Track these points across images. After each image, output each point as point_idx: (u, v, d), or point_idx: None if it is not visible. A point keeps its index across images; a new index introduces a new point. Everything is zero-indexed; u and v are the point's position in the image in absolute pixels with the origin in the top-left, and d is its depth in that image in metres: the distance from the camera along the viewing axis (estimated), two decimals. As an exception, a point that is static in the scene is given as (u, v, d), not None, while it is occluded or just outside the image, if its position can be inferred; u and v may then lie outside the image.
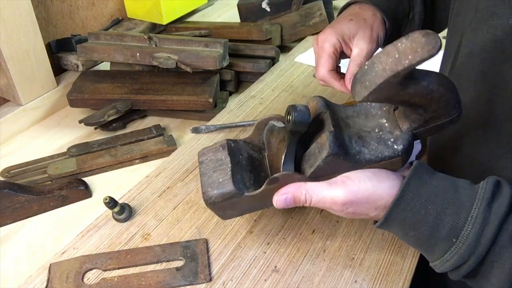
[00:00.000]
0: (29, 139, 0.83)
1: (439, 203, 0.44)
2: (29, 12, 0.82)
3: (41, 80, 0.87)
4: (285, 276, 0.56)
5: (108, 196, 0.60)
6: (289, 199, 0.50)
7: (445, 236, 0.43)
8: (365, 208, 0.47)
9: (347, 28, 0.59)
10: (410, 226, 0.45)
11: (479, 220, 0.42)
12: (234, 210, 0.53)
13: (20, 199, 0.64)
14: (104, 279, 0.55)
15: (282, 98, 0.90)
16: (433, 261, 0.46)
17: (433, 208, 0.44)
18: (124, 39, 0.89)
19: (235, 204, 0.51)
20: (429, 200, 0.44)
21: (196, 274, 0.56)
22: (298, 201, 0.50)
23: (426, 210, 0.44)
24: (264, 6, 1.10)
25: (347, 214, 0.49)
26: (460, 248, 0.42)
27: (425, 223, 0.44)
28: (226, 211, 0.53)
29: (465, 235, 0.42)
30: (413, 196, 0.45)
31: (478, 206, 0.42)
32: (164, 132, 0.81)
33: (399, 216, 0.45)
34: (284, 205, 0.50)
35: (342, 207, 0.48)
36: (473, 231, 0.42)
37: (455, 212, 0.43)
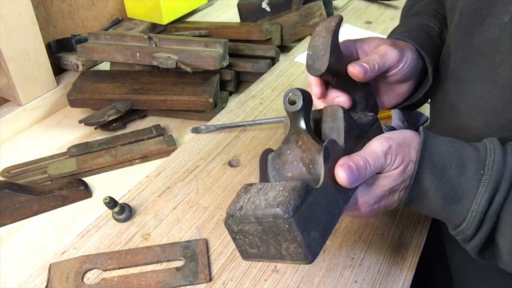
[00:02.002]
0: (29, 139, 0.83)
1: (457, 146, 0.46)
2: (29, 12, 0.82)
3: (41, 80, 0.87)
4: (285, 276, 0.56)
5: (108, 196, 0.60)
6: (351, 165, 0.43)
7: (473, 171, 0.44)
8: (406, 151, 0.46)
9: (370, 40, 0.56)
10: (440, 172, 0.45)
11: (498, 150, 0.44)
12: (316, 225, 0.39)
13: (20, 199, 0.64)
14: (104, 279, 0.55)
15: (282, 98, 0.89)
16: (469, 208, 0.45)
17: (454, 149, 0.46)
18: (124, 39, 0.89)
19: (313, 209, 0.39)
20: (448, 145, 0.46)
21: (196, 274, 0.56)
22: (359, 166, 0.43)
23: (449, 152, 0.46)
24: (264, 6, 1.10)
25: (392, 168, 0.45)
26: (491, 175, 0.43)
27: (452, 164, 0.45)
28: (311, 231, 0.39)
29: (490, 163, 0.44)
30: (433, 142, 0.46)
31: (492, 142, 0.45)
32: (164, 132, 0.81)
33: (428, 164, 0.45)
34: (350, 173, 0.42)
35: (387, 155, 0.45)
36: (496, 157, 0.44)
37: (474, 150, 0.45)
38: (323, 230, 0.40)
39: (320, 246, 0.39)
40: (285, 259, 0.39)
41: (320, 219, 0.39)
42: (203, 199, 0.67)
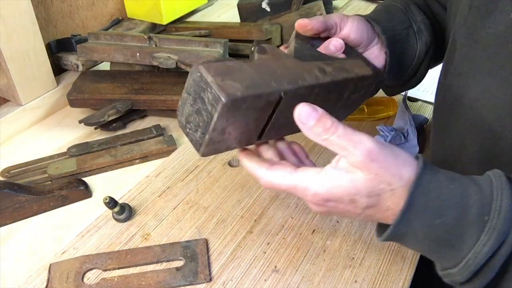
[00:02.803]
0: (29, 139, 0.83)
1: (459, 183, 0.40)
2: (29, 12, 0.82)
3: (41, 80, 0.87)
4: (285, 276, 0.56)
5: (108, 196, 0.60)
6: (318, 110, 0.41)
7: (475, 216, 0.38)
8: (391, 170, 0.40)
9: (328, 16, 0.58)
10: (435, 212, 0.39)
11: (506, 192, 0.38)
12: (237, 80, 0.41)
13: (20, 199, 0.64)
14: (104, 279, 0.55)
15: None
16: (464, 256, 0.39)
17: (455, 188, 0.39)
18: (124, 39, 0.89)
19: (234, 70, 0.42)
20: (449, 181, 0.40)
21: (196, 274, 0.56)
22: (325, 120, 0.40)
23: (449, 190, 0.39)
24: (264, 6, 1.10)
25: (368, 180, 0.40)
26: (496, 224, 0.37)
27: (451, 204, 0.39)
28: (226, 79, 0.41)
29: (497, 208, 0.38)
30: (431, 177, 0.40)
31: (499, 181, 0.39)
32: (164, 132, 0.81)
33: (422, 199, 0.39)
34: (308, 111, 0.41)
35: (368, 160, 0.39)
36: (504, 202, 0.38)
37: (478, 190, 0.39)
38: (247, 85, 0.40)
39: (240, 92, 0.39)
40: (213, 116, 0.40)
41: (244, 78, 0.41)
42: (203, 199, 0.67)
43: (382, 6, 0.66)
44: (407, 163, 0.41)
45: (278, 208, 0.65)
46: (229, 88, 0.39)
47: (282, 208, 0.65)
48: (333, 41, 0.54)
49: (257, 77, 0.42)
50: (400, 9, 0.63)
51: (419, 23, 0.62)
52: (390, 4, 0.65)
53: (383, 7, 0.66)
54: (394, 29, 0.61)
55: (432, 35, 0.63)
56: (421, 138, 0.77)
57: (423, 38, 0.62)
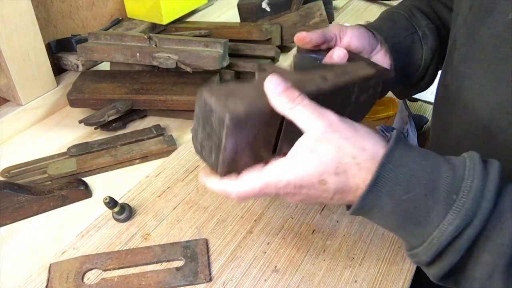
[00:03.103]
0: (29, 139, 0.83)
1: (431, 161, 0.40)
2: (29, 12, 0.82)
3: (41, 80, 0.87)
4: (285, 276, 0.56)
5: (108, 196, 0.60)
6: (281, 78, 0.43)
7: (444, 194, 0.38)
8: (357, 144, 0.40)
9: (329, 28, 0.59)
10: (404, 187, 0.39)
11: (478, 173, 0.38)
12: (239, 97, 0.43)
13: (20, 199, 0.64)
14: (104, 279, 0.55)
15: (282, 98, 0.89)
16: (429, 234, 0.39)
17: (426, 165, 0.39)
18: (124, 39, 0.89)
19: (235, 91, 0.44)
20: (421, 158, 0.40)
21: (196, 274, 0.56)
22: (288, 88, 0.42)
23: (421, 166, 0.39)
24: (264, 6, 1.10)
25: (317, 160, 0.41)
26: (464, 203, 0.37)
27: (420, 180, 0.39)
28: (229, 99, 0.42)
29: (466, 188, 0.37)
30: (404, 152, 0.40)
31: (473, 162, 0.39)
32: (164, 132, 0.81)
33: (391, 175, 0.39)
34: (275, 79, 0.43)
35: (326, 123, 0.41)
36: (475, 182, 0.37)
37: (451, 169, 0.39)
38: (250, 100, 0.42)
39: (243, 107, 0.41)
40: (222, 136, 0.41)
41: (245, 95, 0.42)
42: (203, 199, 0.67)
43: (385, 15, 0.66)
44: (369, 136, 0.41)
45: (278, 208, 0.65)
46: (232, 106, 0.41)
47: (282, 208, 0.65)
48: (336, 51, 0.54)
49: (259, 93, 0.43)
50: (403, 16, 0.63)
51: (423, 28, 0.62)
52: (392, 11, 0.65)
53: (386, 15, 0.66)
54: (397, 36, 0.61)
55: (437, 39, 0.63)
56: (421, 138, 0.77)
57: (429, 43, 0.62)
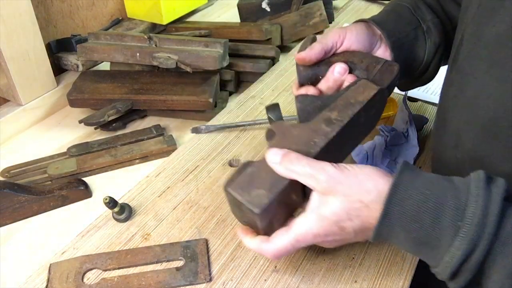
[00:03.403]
0: (29, 139, 0.83)
1: (436, 189, 0.42)
2: (29, 12, 0.82)
3: (41, 80, 0.87)
4: (285, 276, 0.56)
5: (108, 196, 0.60)
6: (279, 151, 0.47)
7: (449, 221, 0.41)
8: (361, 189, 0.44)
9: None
10: (412, 218, 0.42)
11: (481, 198, 0.40)
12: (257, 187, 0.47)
13: (20, 199, 0.64)
14: (104, 279, 0.55)
15: (282, 98, 0.90)
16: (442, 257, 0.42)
17: (431, 194, 0.42)
18: (124, 39, 0.89)
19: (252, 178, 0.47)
20: (426, 187, 0.42)
21: (196, 274, 0.56)
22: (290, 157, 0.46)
23: (425, 196, 0.42)
24: (264, 6, 1.10)
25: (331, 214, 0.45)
26: (468, 230, 0.39)
27: (426, 210, 0.41)
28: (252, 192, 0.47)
29: (470, 214, 0.40)
30: (408, 184, 0.43)
31: (477, 186, 0.41)
32: (164, 132, 0.81)
33: (398, 208, 0.42)
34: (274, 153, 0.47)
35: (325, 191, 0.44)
36: (478, 210, 0.40)
37: (455, 196, 0.42)
38: (270, 186, 0.46)
39: (267, 198, 0.45)
40: (256, 220, 0.47)
41: (264, 180, 0.47)
42: (203, 199, 0.67)
43: (390, 7, 0.66)
44: (369, 178, 0.45)
45: (278, 208, 0.65)
46: (257, 200, 0.46)
47: (282, 208, 0.65)
48: (337, 67, 0.56)
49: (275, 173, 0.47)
50: (409, 9, 0.63)
51: (428, 23, 0.62)
52: (398, 3, 0.65)
53: (391, 7, 0.66)
54: (401, 31, 0.60)
55: (442, 34, 0.62)
56: (421, 138, 0.77)
57: (432, 38, 0.62)
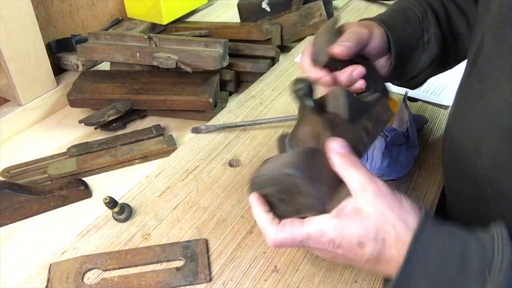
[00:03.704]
0: (29, 139, 0.83)
1: (460, 237, 0.41)
2: (29, 12, 0.82)
3: (41, 80, 0.87)
4: (285, 276, 0.56)
5: (108, 196, 0.60)
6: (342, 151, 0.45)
7: (477, 271, 0.39)
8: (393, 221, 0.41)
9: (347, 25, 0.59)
10: (436, 267, 0.40)
11: (507, 250, 0.39)
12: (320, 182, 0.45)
13: (20, 199, 0.64)
14: (104, 279, 0.55)
15: (282, 98, 0.90)
16: None
17: (456, 242, 0.40)
18: (124, 39, 0.89)
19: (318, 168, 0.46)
20: (449, 236, 0.41)
21: (196, 274, 0.56)
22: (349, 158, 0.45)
23: (450, 246, 0.40)
24: (264, 6, 1.10)
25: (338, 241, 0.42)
26: (497, 280, 0.38)
27: (452, 259, 0.39)
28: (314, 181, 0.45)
29: (497, 264, 0.38)
30: (432, 234, 0.41)
31: (500, 238, 0.40)
32: (164, 132, 0.81)
33: (421, 257, 0.40)
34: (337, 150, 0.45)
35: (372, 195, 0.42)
36: (505, 260, 0.38)
37: (479, 244, 0.40)
38: (330, 184, 0.45)
39: (328, 196, 0.44)
40: (303, 212, 0.45)
41: (327, 176, 0.45)
42: (203, 199, 0.67)
43: (399, 6, 0.65)
44: (413, 211, 0.42)
45: (278, 208, 0.65)
46: (322, 196, 0.44)
47: (282, 208, 0.65)
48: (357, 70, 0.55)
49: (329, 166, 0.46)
50: (417, 17, 0.62)
51: (430, 35, 0.61)
52: (408, 7, 0.63)
53: (400, 7, 0.64)
54: (405, 39, 0.60)
55: (439, 48, 0.62)
56: (421, 139, 0.77)
57: (430, 50, 0.61)
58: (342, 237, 0.42)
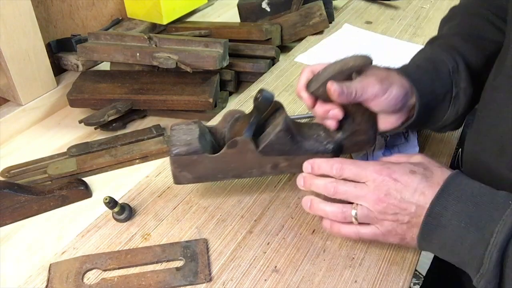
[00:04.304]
0: (29, 139, 0.83)
1: (485, 191, 0.47)
2: (29, 12, 0.82)
3: (41, 80, 0.87)
4: (285, 276, 0.56)
5: (108, 196, 0.60)
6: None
7: (504, 199, 0.45)
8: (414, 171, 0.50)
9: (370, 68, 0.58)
10: (470, 196, 0.46)
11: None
12: (191, 172, 0.59)
13: (20, 199, 0.64)
14: (104, 279, 0.56)
15: (282, 98, 0.90)
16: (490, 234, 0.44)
17: (484, 186, 0.47)
18: (124, 39, 0.89)
19: (195, 163, 0.58)
20: (477, 187, 0.47)
21: (196, 274, 0.56)
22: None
23: (480, 185, 0.47)
24: (264, 6, 1.10)
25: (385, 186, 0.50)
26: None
27: (484, 190, 0.47)
28: (183, 171, 0.59)
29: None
30: (464, 175, 0.49)
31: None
32: (164, 132, 0.81)
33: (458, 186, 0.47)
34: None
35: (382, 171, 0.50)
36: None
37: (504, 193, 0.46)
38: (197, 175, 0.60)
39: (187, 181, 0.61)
40: None
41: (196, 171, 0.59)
42: (203, 199, 0.67)
43: (431, 56, 0.62)
44: None
45: (278, 208, 0.65)
46: (182, 178, 0.60)
47: (282, 208, 0.65)
48: (334, 112, 0.57)
49: (209, 169, 0.59)
50: (448, 70, 0.60)
51: (459, 89, 0.60)
52: (439, 58, 0.61)
53: (432, 58, 0.62)
54: (432, 92, 0.59)
55: (468, 104, 0.60)
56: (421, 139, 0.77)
57: (457, 106, 0.60)
58: (398, 164, 0.51)
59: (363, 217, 0.52)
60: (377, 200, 0.50)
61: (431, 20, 1.22)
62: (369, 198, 0.50)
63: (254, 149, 0.58)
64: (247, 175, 0.61)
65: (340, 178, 0.53)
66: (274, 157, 0.59)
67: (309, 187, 0.55)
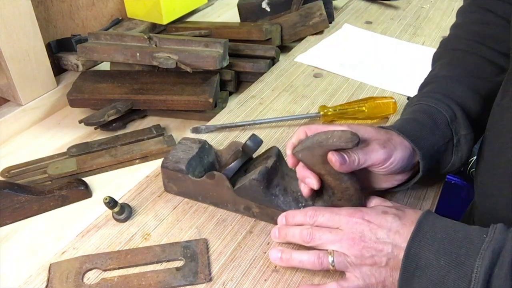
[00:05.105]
0: (29, 139, 0.83)
1: (458, 228, 0.47)
2: (29, 12, 0.82)
3: (41, 80, 0.87)
4: (285, 276, 0.56)
5: (108, 196, 0.60)
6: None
7: (476, 235, 0.45)
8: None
9: (364, 128, 0.57)
10: (444, 233, 0.47)
11: (500, 226, 0.45)
12: (177, 186, 0.65)
13: (20, 199, 0.65)
14: (104, 279, 0.56)
15: (282, 98, 0.90)
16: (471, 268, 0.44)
17: (456, 223, 0.48)
18: (124, 39, 0.89)
19: (180, 180, 0.64)
20: (450, 224, 0.48)
21: (196, 274, 0.56)
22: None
23: (454, 222, 0.48)
24: (264, 6, 1.10)
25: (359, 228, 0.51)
26: (492, 238, 0.44)
27: (457, 227, 0.47)
28: (170, 182, 0.66)
29: (493, 229, 0.45)
30: (435, 217, 0.49)
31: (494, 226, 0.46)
32: (164, 132, 0.81)
33: (432, 225, 0.48)
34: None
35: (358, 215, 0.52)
36: (498, 227, 0.45)
37: (478, 228, 0.47)
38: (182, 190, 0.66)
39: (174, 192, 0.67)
40: None
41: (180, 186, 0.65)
42: (203, 199, 0.67)
43: (427, 108, 0.61)
44: None
45: (278, 208, 0.65)
46: (169, 188, 0.67)
47: (282, 208, 0.65)
48: (310, 180, 0.56)
49: (191, 190, 0.65)
50: (446, 120, 0.60)
51: (459, 136, 0.60)
52: (436, 111, 0.60)
53: (428, 111, 0.61)
54: (434, 146, 0.58)
55: (470, 149, 0.60)
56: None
57: (460, 153, 0.60)
58: (369, 209, 0.53)
59: (340, 263, 0.51)
60: (352, 243, 0.50)
61: (431, 20, 1.22)
62: (344, 242, 0.50)
63: (230, 186, 0.61)
64: (223, 206, 0.64)
65: (314, 225, 0.53)
66: (248, 200, 0.61)
67: (284, 237, 0.56)
